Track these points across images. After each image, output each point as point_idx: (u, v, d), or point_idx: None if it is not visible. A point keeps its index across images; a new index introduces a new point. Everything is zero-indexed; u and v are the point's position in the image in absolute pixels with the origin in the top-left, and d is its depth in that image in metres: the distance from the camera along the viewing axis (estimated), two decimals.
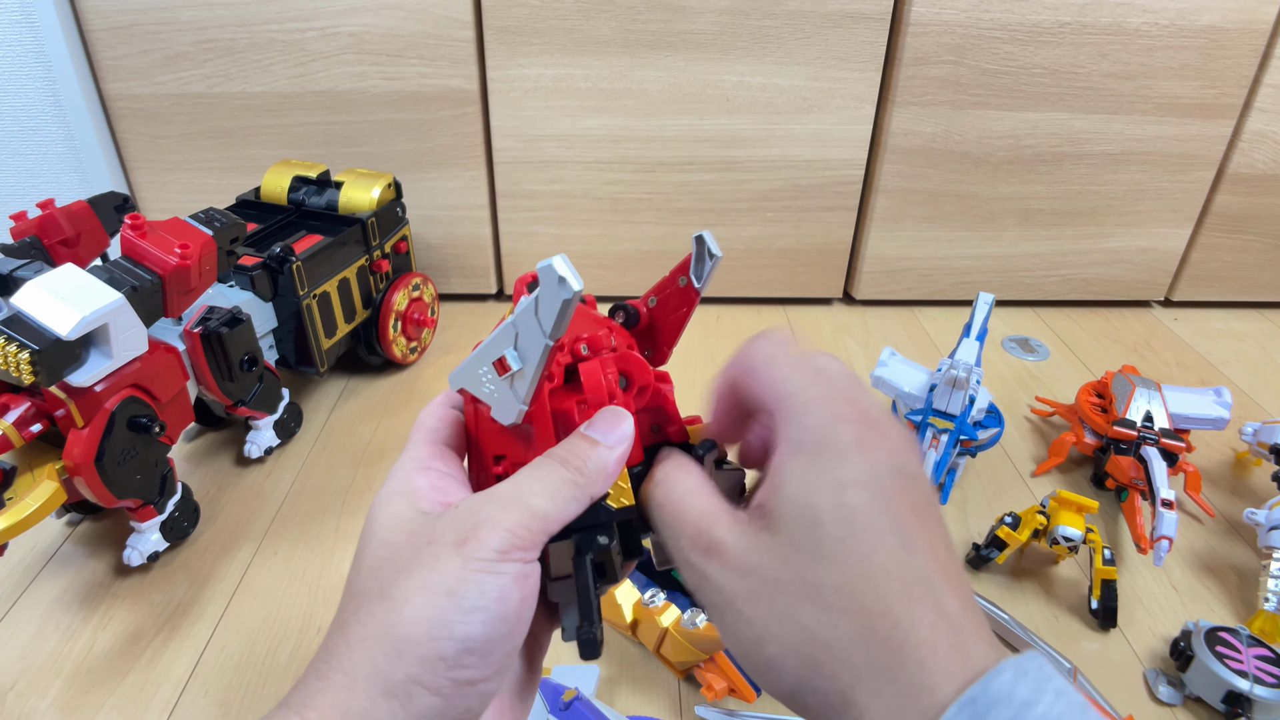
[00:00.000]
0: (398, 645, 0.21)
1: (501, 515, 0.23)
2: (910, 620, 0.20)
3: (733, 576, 0.22)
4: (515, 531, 0.23)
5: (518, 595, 0.23)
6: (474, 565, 0.22)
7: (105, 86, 0.91)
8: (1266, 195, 1.02)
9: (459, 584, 0.22)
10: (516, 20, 0.87)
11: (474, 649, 0.22)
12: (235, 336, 0.65)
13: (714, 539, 0.23)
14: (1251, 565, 0.67)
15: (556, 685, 0.49)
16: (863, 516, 0.21)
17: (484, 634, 0.22)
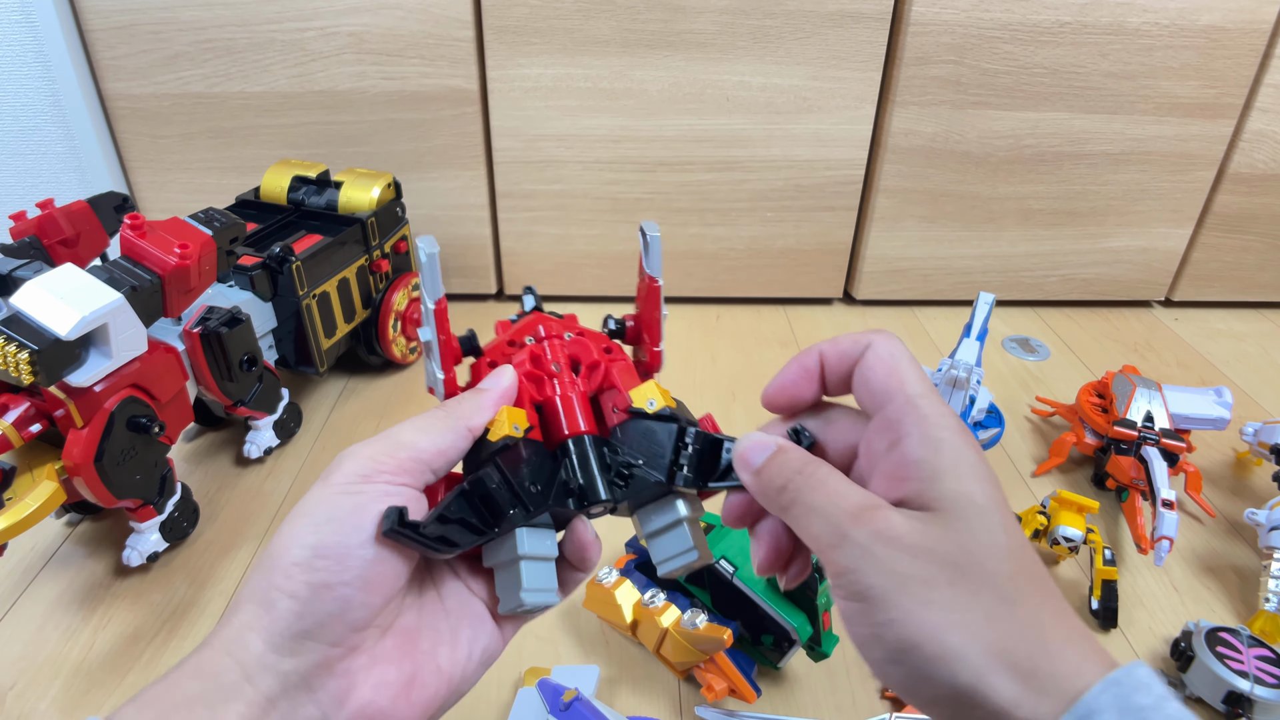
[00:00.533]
0: (265, 563, 0.24)
1: (364, 449, 0.26)
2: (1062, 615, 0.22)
3: (906, 558, 0.22)
4: (375, 458, 0.25)
5: (376, 510, 0.24)
6: (332, 489, 0.24)
7: (105, 86, 0.91)
8: (1267, 195, 1.01)
9: (316, 504, 0.24)
10: (516, 20, 0.87)
11: (326, 553, 0.23)
12: (235, 336, 0.65)
13: (885, 518, 0.23)
14: (1252, 565, 0.67)
15: (556, 685, 0.49)
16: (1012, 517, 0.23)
17: (335, 541, 0.23)
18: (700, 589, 0.54)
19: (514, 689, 0.53)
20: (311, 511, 0.24)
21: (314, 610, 0.23)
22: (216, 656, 0.23)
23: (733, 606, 0.52)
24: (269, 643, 0.23)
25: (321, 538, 0.23)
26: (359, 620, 0.24)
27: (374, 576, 0.24)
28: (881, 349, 0.26)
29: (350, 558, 0.24)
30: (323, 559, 0.23)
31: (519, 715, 0.49)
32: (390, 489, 0.25)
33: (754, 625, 0.52)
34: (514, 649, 0.57)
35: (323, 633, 0.23)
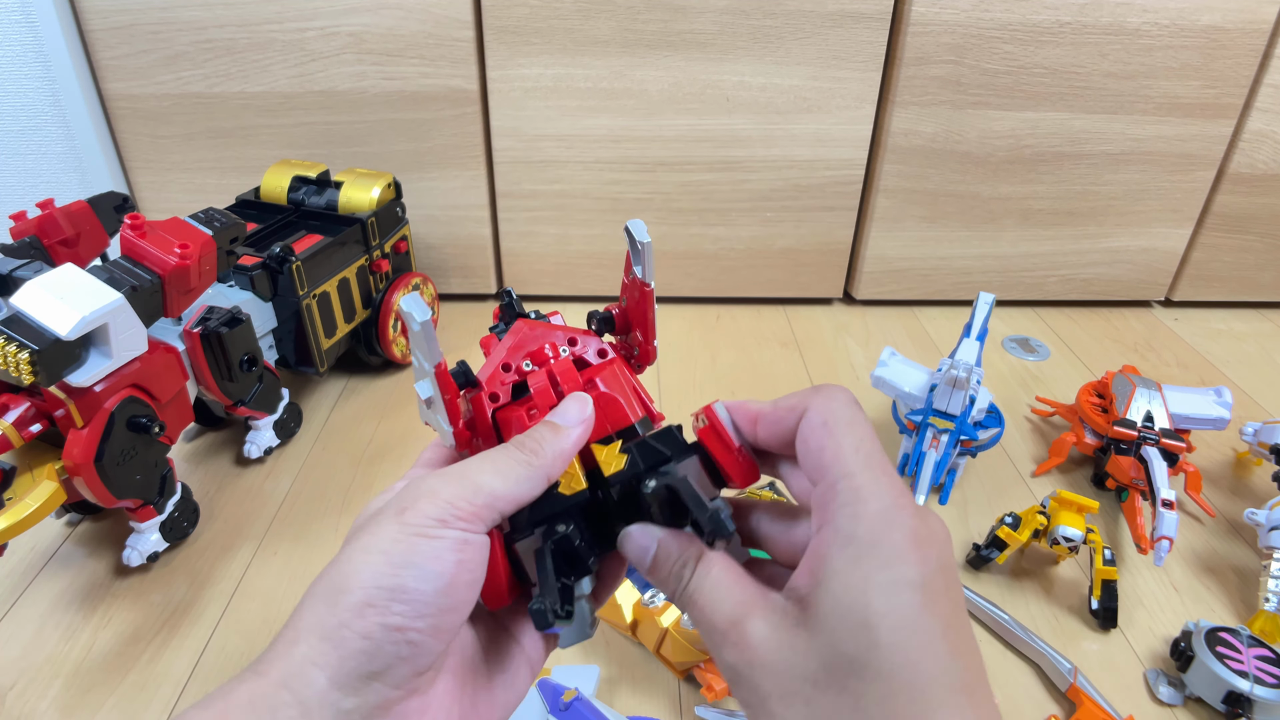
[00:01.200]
0: (334, 595, 0.23)
1: (442, 488, 0.25)
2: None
3: (767, 675, 0.22)
4: (454, 502, 0.24)
5: (453, 558, 0.24)
6: (409, 530, 0.24)
7: (105, 86, 0.91)
8: (1267, 195, 1.01)
9: (393, 545, 0.24)
10: (516, 20, 0.87)
11: (402, 598, 0.23)
12: (235, 336, 0.65)
13: (747, 636, 0.22)
14: (1252, 565, 0.67)
15: (556, 685, 0.49)
16: (913, 623, 0.20)
17: (413, 587, 0.23)
18: None
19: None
20: (388, 550, 0.24)
21: (385, 653, 0.23)
22: (273, 690, 0.23)
23: None
24: (334, 681, 0.22)
25: (401, 581, 0.23)
26: (424, 665, 0.24)
27: (443, 623, 0.24)
28: (814, 417, 0.24)
29: (427, 605, 0.23)
30: (400, 603, 0.23)
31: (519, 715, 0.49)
32: (463, 536, 0.24)
33: None
34: None
35: (389, 675, 0.23)
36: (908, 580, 0.21)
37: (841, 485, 0.22)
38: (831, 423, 0.24)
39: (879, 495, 0.22)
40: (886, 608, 0.20)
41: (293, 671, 0.23)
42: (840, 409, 0.24)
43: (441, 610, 0.24)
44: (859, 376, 0.91)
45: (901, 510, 0.22)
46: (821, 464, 0.23)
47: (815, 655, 0.21)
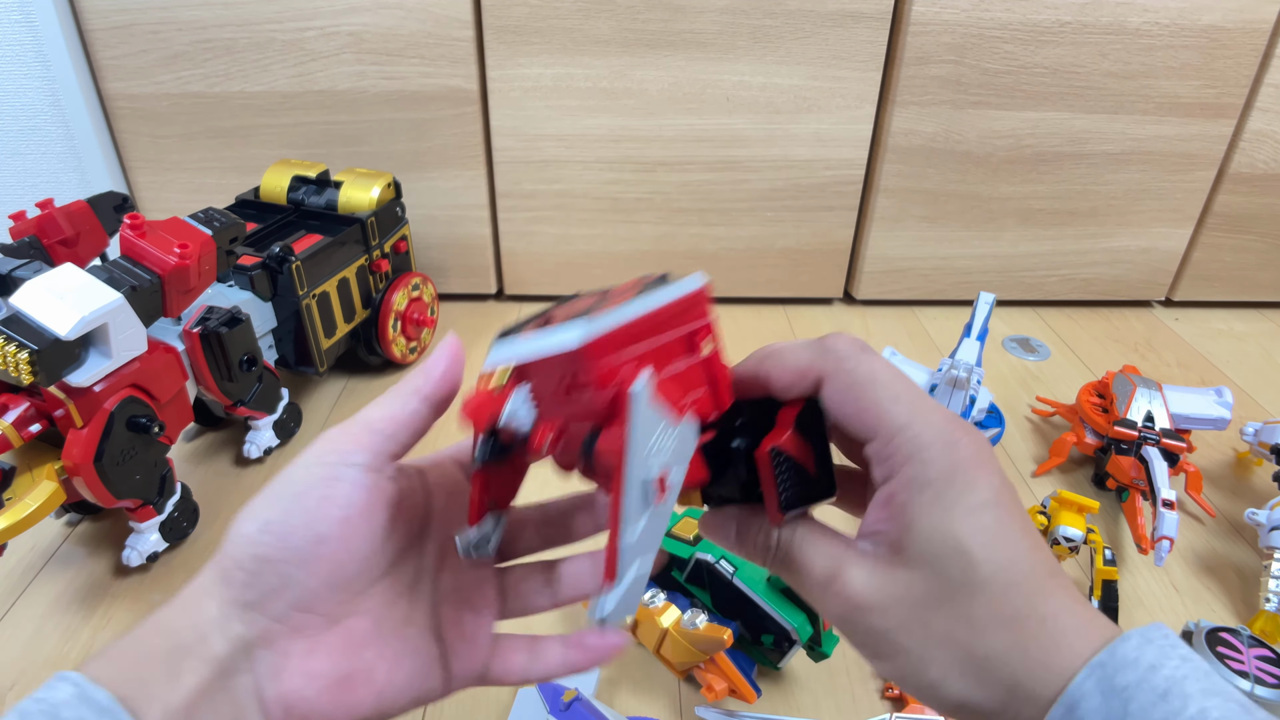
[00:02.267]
0: (229, 533, 0.25)
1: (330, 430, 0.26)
2: (1054, 613, 0.22)
3: (877, 615, 0.24)
4: (334, 437, 0.26)
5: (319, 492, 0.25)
6: (295, 466, 0.25)
7: (105, 86, 0.91)
8: (1267, 195, 1.01)
9: (278, 481, 0.25)
10: (516, 20, 0.87)
11: (271, 529, 0.24)
12: (234, 336, 0.65)
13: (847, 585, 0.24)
14: (1253, 565, 0.67)
15: (556, 685, 0.49)
16: (998, 534, 0.23)
17: (282, 518, 0.24)
18: (700, 589, 0.54)
19: (514, 689, 0.53)
20: (270, 488, 0.25)
21: (258, 583, 0.24)
22: (177, 616, 0.24)
23: (733, 607, 0.52)
24: (221, 608, 0.24)
25: (271, 514, 0.25)
26: (297, 599, 0.25)
27: (314, 558, 0.25)
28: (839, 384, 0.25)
29: (292, 536, 0.24)
30: (268, 534, 0.24)
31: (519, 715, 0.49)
32: (343, 467, 0.25)
33: (754, 625, 0.52)
34: None
35: (265, 606, 0.24)
36: (983, 502, 0.23)
37: (898, 439, 0.24)
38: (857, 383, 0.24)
39: (936, 436, 0.23)
40: (974, 530, 0.23)
41: (191, 600, 0.25)
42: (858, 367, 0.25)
43: (309, 542, 0.24)
44: None
45: (959, 443, 0.23)
46: (866, 425, 0.24)
47: (920, 586, 0.23)
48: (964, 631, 0.22)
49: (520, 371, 0.25)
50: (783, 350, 0.26)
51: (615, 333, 0.22)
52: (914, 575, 0.23)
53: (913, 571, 0.23)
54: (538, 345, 0.23)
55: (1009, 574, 0.22)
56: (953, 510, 0.23)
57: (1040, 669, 0.22)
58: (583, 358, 0.22)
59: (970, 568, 0.22)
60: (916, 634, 0.23)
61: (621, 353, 0.23)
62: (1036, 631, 0.22)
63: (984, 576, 0.22)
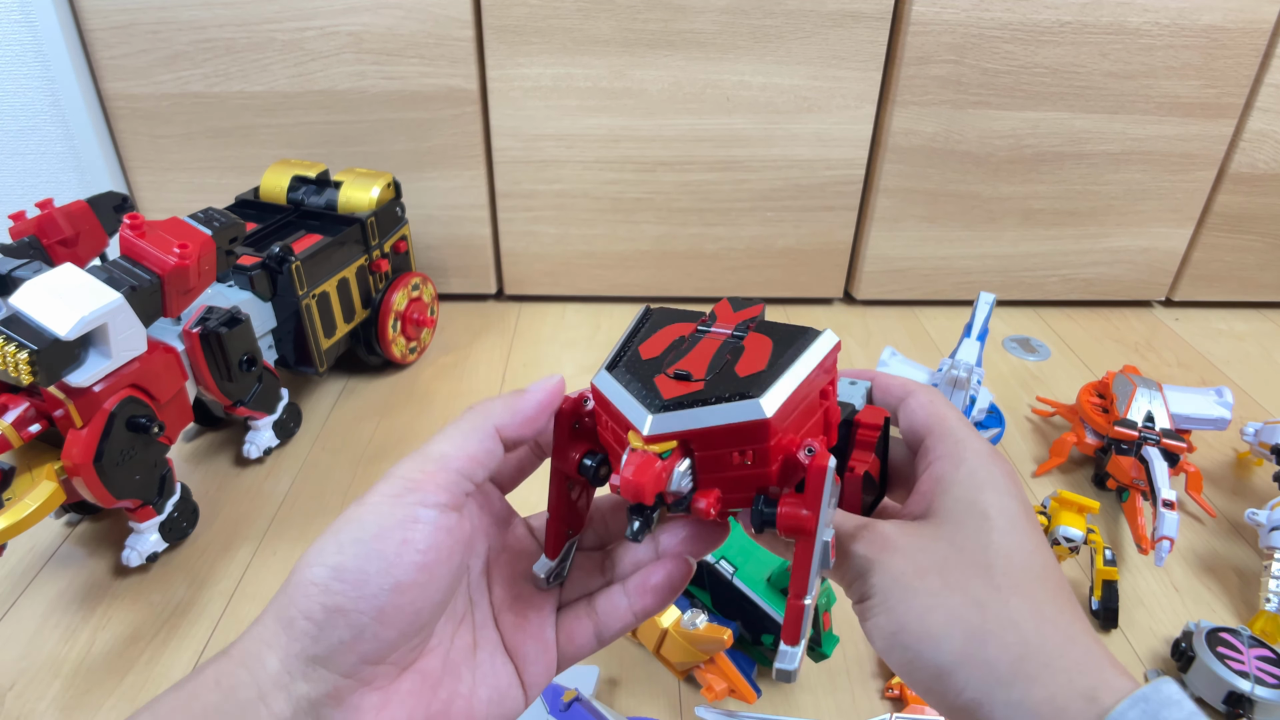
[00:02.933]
0: (291, 577, 0.23)
1: (399, 467, 0.25)
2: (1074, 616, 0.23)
3: (899, 557, 0.24)
4: (408, 475, 0.24)
5: (399, 535, 0.23)
6: (364, 508, 0.24)
7: (104, 86, 0.91)
8: (1268, 195, 1.01)
9: (346, 523, 0.23)
10: (516, 20, 0.87)
11: (344, 576, 0.22)
12: (234, 336, 0.65)
13: (878, 530, 0.25)
14: (1253, 566, 0.67)
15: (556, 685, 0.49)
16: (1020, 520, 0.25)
17: (356, 565, 0.22)
18: (700, 589, 0.54)
19: None
20: (339, 530, 0.23)
21: (327, 635, 0.22)
22: (235, 670, 0.22)
23: (733, 607, 0.52)
24: (284, 663, 0.22)
25: (343, 559, 0.23)
26: (371, 653, 0.23)
27: (391, 608, 0.23)
28: (924, 395, 0.29)
29: (368, 584, 0.22)
30: (340, 582, 0.22)
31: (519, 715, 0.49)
32: (422, 509, 0.24)
33: (754, 625, 0.52)
34: None
35: (334, 661, 0.22)
36: (1012, 494, 0.25)
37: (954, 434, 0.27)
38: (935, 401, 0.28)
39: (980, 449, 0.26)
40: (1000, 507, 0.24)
41: (250, 651, 0.23)
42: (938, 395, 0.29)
43: (387, 592, 0.22)
44: None
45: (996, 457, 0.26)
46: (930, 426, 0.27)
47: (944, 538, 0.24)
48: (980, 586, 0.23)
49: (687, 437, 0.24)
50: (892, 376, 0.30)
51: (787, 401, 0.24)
52: (940, 529, 0.25)
53: (939, 527, 0.25)
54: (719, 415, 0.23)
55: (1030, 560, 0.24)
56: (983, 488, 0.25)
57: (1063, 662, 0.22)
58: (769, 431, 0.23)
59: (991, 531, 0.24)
60: (930, 579, 0.23)
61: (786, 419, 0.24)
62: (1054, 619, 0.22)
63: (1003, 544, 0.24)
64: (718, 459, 0.24)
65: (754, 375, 0.24)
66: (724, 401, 0.23)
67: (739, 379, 0.24)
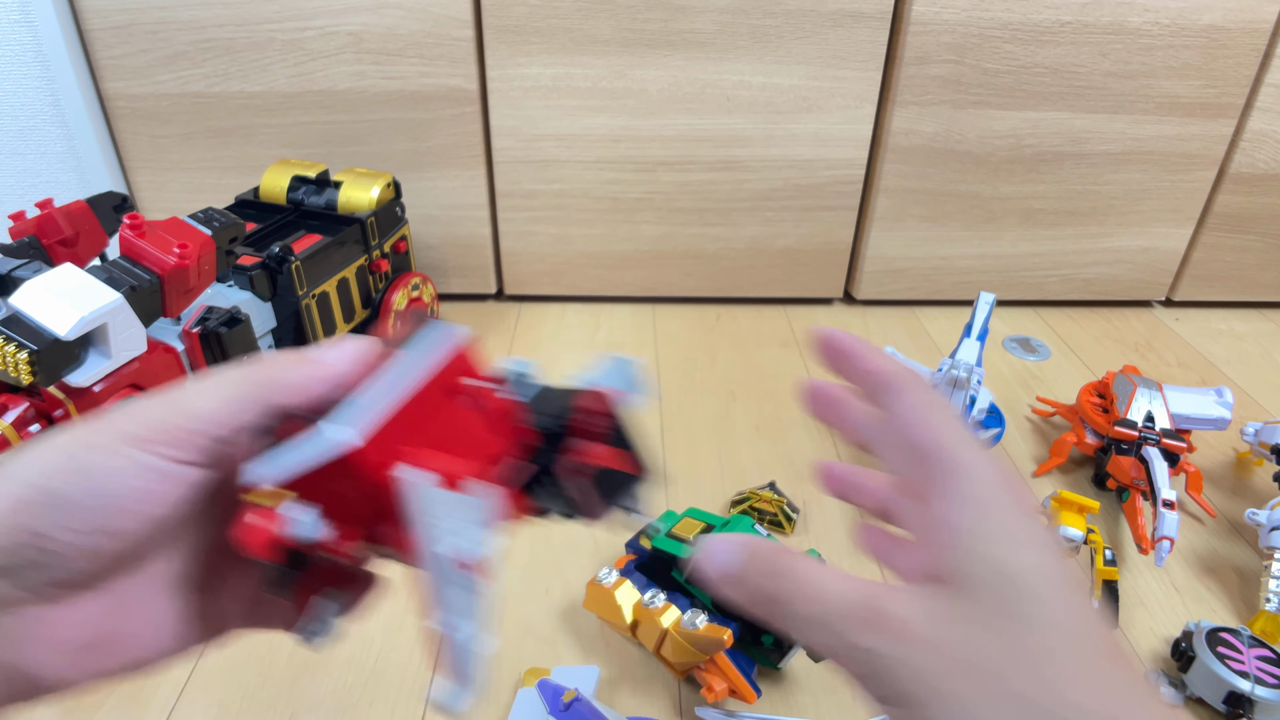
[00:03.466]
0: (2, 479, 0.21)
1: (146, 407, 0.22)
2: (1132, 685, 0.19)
3: (923, 651, 0.20)
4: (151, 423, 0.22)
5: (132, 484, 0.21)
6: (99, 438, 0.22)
7: (104, 86, 0.91)
8: (1268, 195, 1.01)
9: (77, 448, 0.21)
10: (516, 20, 0.87)
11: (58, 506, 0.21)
12: (234, 336, 0.65)
13: (887, 613, 0.20)
14: (1253, 566, 0.67)
15: (556, 686, 0.49)
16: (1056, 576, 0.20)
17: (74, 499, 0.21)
18: (700, 590, 0.54)
19: (514, 689, 0.53)
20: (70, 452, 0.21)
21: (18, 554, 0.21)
22: None
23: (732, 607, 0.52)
24: None
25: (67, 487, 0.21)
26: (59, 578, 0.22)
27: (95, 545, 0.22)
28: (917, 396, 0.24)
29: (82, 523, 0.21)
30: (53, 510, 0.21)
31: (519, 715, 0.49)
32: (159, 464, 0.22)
33: (754, 625, 0.52)
34: (514, 649, 0.57)
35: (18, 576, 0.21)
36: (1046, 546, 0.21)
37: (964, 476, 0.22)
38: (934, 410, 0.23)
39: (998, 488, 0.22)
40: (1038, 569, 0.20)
41: None
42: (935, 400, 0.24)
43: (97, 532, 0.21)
44: None
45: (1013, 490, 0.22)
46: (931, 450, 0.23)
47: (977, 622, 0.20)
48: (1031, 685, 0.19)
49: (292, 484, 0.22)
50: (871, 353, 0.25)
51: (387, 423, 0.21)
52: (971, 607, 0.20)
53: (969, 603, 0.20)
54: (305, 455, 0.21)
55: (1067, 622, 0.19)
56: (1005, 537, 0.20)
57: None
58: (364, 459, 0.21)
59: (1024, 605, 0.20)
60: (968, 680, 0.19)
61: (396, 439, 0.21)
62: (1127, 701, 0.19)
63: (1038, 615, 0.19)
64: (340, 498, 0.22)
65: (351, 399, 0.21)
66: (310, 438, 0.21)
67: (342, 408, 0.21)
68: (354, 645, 0.57)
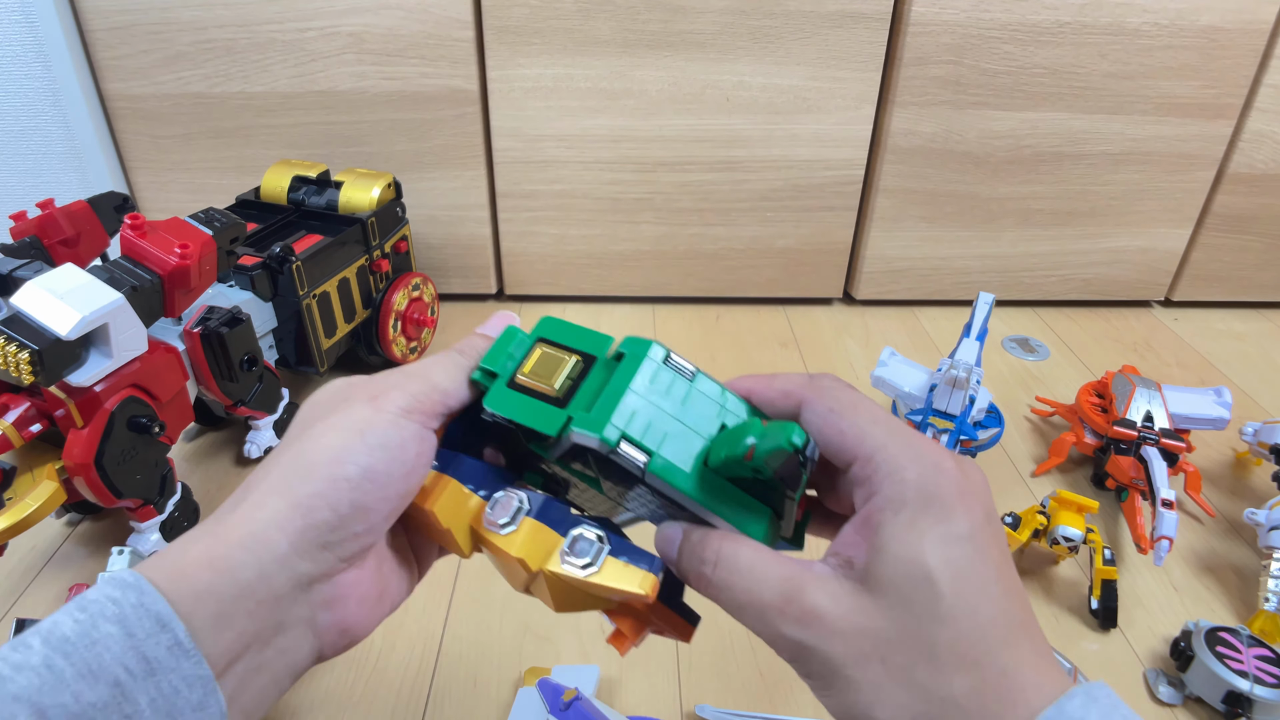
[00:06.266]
0: (309, 467, 0.25)
1: (407, 383, 0.27)
2: (1015, 665, 0.22)
3: (838, 641, 0.22)
4: (417, 396, 0.26)
5: (414, 449, 0.26)
6: (382, 415, 0.26)
7: (105, 86, 0.91)
8: (1267, 195, 1.02)
9: (368, 425, 0.25)
10: (516, 20, 0.87)
11: (373, 478, 0.25)
12: (235, 336, 0.65)
13: (808, 607, 0.23)
14: (1252, 565, 0.67)
15: (556, 685, 0.49)
16: (969, 571, 0.22)
17: (384, 469, 0.25)
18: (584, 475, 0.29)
19: (514, 689, 0.54)
20: (364, 432, 0.25)
21: (347, 526, 0.25)
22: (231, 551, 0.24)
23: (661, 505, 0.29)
24: (294, 546, 0.24)
25: (372, 462, 0.25)
26: (370, 541, 0.26)
27: (396, 506, 0.26)
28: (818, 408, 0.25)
29: (388, 490, 0.25)
30: (369, 482, 0.25)
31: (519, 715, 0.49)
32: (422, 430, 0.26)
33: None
34: (514, 649, 0.57)
35: (341, 546, 0.25)
36: (959, 534, 0.22)
37: (878, 458, 0.23)
38: (838, 408, 0.25)
39: (917, 459, 0.23)
40: (944, 560, 0.22)
41: (255, 534, 0.24)
42: (840, 393, 0.25)
43: (399, 495, 0.26)
44: (859, 376, 0.92)
45: (941, 470, 0.23)
46: (846, 446, 0.24)
47: (883, 614, 0.22)
48: (923, 671, 0.21)
49: None
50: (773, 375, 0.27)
51: None
52: (879, 602, 0.22)
53: (878, 599, 0.22)
54: None
55: (975, 617, 0.22)
56: (925, 536, 0.22)
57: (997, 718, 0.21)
58: None
59: (935, 600, 0.22)
60: (873, 668, 0.22)
61: None
62: (995, 683, 0.21)
63: (948, 612, 0.21)
64: None
65: None
66: None
67: None
68: None
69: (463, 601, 0.60)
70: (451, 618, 0.59)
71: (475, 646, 0.57)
